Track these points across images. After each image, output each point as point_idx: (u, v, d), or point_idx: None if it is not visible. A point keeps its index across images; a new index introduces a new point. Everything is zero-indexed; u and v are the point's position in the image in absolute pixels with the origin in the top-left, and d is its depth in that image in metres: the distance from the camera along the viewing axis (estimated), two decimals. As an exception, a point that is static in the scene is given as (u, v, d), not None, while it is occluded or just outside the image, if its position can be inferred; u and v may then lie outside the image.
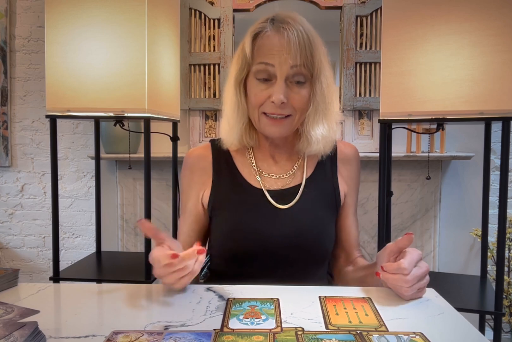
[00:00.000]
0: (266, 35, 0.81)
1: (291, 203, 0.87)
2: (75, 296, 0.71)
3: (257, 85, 0.82)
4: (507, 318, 1.88)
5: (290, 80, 0.81)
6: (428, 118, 1.21)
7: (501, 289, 1.19)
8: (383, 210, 1.29)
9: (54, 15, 1.29)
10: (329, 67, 0.86)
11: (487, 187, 1.41)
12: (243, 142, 0.90)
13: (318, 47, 0.81)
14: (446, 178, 2.07)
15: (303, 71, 0.80)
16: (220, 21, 2.06)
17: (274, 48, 0.79)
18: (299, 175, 0.91)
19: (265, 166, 0.92)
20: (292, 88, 0.82)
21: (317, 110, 0.84)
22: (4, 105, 2.24)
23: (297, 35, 0.78)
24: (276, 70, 0.80)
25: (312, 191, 0.90)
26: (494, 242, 1.79)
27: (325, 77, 0.83)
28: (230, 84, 0.88)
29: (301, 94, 0.82)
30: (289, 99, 0.81)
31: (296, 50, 0.78)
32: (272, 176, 0.91)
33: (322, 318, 0.59)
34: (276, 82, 0.80)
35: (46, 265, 2.33)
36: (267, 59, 0.80)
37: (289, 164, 0.93)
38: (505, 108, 1.11)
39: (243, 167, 0.92)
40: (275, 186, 0.90)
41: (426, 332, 0.54)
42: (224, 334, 0.53)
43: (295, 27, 0.79)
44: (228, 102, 0.88)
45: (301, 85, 0.82)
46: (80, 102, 1.29)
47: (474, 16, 1.12)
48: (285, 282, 0.73)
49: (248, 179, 0.90)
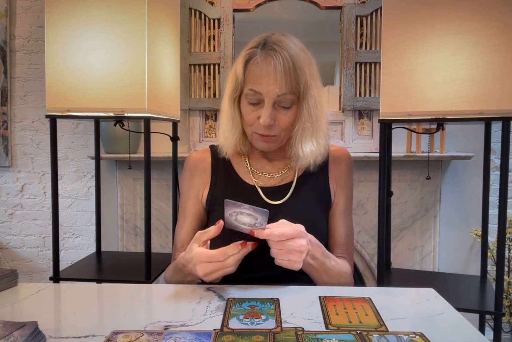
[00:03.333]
0: (256, 61, 0.87)
1: (283, 199, 0.92)
2: (75, 296, 0.71)
3: (247, 106, 0.89)
4: (507, 318, 1.88)
5: (278, 104, 0.87)
6: (428, 118, 1.21)
7: (501, 289, 1.19)
8: (383, 210, 1.29)
9: (54, 15, 1.29)
10: (317, 84, 0.91)
11: (487, 187, 1.41)
12: (237, 150, 0.97)
13: (304, 71, 0.86)
14: (446, 178, 2.07)
15: (288, 97, 0.86)
16: (220, 21, 2.06)
17: (262, 78, 0.85)
18: (291, 174, 0.97)
19: (259, 166, 0.98)
20: (279, 110, 0.88)
21: (303, 129, 0.90)
22: (4, 105, 2.24)
23: (283, 64, 0.84)
24: (264, 97, 0.86)
25: (303, 188, 0.95)
26: (494, 242, 1.79)
27: (312, 96, 0.88)
28: (226, 98, 0.94)
29: (287, 115, 0.88)
30: (276, 120, 0.88)
31: (281, 79, 0.84)
32: (265, 174, 0.97)
33: (322, 318, 0.59)
34: (264, 106, 0.86)
35: (46, 265, 2.33)
36: (256, 87, 0.86)
37: (282, 164, 0.98)
38: (505, 108, 1.11)
39: (239, 168, 0.98)
40: (268, 184, 0.95)
41: (426, 332, 0.54)
42: (224, 334, 0.53)
43: (282, 55, 0.84)
44: (224, 115, 0.96)
45: (288, 108, 0.88)
46: (80, 102, 1.29)
47: (474, 16, 1.12)
48: (280, 276, 0.76)
49: (242, 177, 0.96)
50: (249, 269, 0.81)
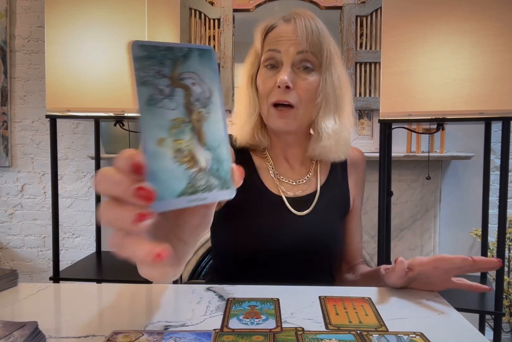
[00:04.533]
0: (276, 27, 0.82)
1: (307, 210, 0.86)
2: (75, 296, 0.71)
3: (265, 72, 0.82)
4: (507, 318, 1.88)
5: (297, 67, 0.80)
6: (428, 118, 1.21)
7: (501, 289, 1.19)
8: (383, 210, 1.29)
9: (54, 15, 1.29)
10: (340, 60, 0.84)
11: (487, 187, 1.41)
12: (255, 140, 0.86)
13: (326, 37, 0.80)
14: (446, 178, 2.07)
15: (310, 58, 0.79)
16: (220, 21, 2.06)
17: (281, 35, 0.80)
18: (314, 181, 0.90)
19: (282, 170, 0.90)
20: (298, 74, 0.80)
21: (327, 101, 0.81)
22: (4, 105, 2.24)
23: (305, 23, 0.78)
24: (283, 56, 0.79)
25: (326, 198, 0.89)
26: (494, 242, 1.79)
27: (335, 68, 0.82)
28: (243, 81, 0.88)
29: (308, 81, 0.80)
30: (295, 85, 0.79)
31: (303, 35, 0.78)
32: (290, 181, 0.89)
33: (322, 318, 0.59)
34: (283, 67, 0.79)
35: (46, 265, 2.33)
36: (274, 46, 0.80)
37: (304, 170, 0.91)
38: (505, 108, 1.11)
39: (261, 170, 0.89)
40: (292, 192, 0.88)
41: (426, 332, 0.54)
42: (224, 334, 0.53)
43: (303, 17, 0.80)
44: (241, 98, 0.88)
45: (309, 72, 0.80)
46: (80, 102, 1.29)
47: (474, 16, 1.12)
48: (287, 283, 0.73)
49: (266, 183, 0.87)
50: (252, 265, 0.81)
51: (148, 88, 0.31)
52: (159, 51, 0.32)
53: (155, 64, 0.32)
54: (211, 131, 0.34)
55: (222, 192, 0.34)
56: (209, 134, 0.33)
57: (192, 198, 0.32)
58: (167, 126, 0.31)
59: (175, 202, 0.31)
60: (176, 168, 0.31)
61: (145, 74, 0.31)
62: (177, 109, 0.32)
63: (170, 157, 0.31)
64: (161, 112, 0.32)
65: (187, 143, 0.32)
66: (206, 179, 0.33)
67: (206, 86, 0.34)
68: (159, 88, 0.32)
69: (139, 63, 0.31)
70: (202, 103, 0.34)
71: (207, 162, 0.33)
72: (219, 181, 0.34)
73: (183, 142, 0.32)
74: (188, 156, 0.32)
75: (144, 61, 0.31)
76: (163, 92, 0.32)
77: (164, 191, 0.31)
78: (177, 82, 0.33)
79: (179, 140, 0.32)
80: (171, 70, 0.32)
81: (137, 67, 0.31)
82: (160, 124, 0.31)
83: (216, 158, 0.34)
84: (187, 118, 0.33)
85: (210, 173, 0.33)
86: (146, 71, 0.31)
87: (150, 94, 0.31)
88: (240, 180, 0.35)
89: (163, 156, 0.31)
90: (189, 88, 0.33)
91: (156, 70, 0.32)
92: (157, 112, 0.31)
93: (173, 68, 0.32)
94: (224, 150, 0.34)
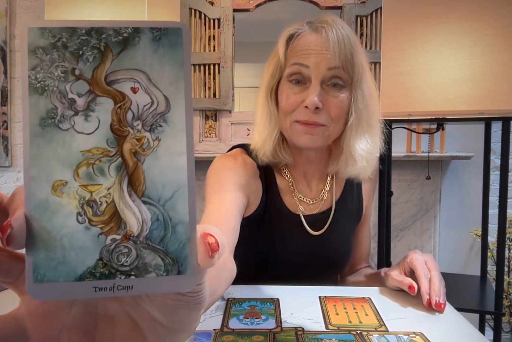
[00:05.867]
0: (302, 35, 0.73)
1: (323, 229, 0.83)
2: (75, 296, 0.70)
3: (289, 87, 0.73)
4: (507, 318, 1.88)
5: (327, 84, 0.72)
6: (428, 118, 1.21)
7: (501, 289, 1.19)
8: (383, 210, 1.29)
9: (54, 15, 1.29)
10: (370, 73, 0.76)
11: (487, 187, 1.41)
12: (278, 157, 0.79)
13: (358, 50, 0.72)
14: (446, 178, 2.07)
15: (342, 75, 0.71)
16: (220, 21, 2.06)
17: (310, 48, 0.70)
18: (329, 197, 0.86)
19: (300, 188, 0.84)
20: (328, 92, 0.72)
21: (360, 120, 0.73)
22: (4, 105, 2.24)
23: (337, 34, 0.69)
24: (312, 71, 0.70)
25: (342, 214, 0.86)
26: (494, 242, 1.79)
27: (367, 84, 0.74)
28: (261, 93, 0.79)
29: (339, 99, 0.71)
30: (325, 104, 0.71)
31: (335, 48, 0.69)
32: (307, 200, 0.84)
33: (322, 318, 0.59)
34: (311, 85, 0.71)
35: (46, 265, 2.33)
36: (302, 60, 0.71)
37: (320, 186, 0.86)
38: (505, 108, 1.11)
39: (282, 187, 0.83)
40: (309, 211, 0.84)
41: (426, 332, 0.54)
42: (224, 334, 0.53)
43: (334, 27, 0.70)
44: (259, 113, 0.79)
45: (340, 89, 0.72)
46: (80, 102, 1.29)
47: (474, 16, 1.12)
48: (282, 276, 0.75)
49: (286, 201, 0.83)
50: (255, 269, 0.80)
51: (45, 99, 0.19)
52: (75, 37, 0.20)
53: (65, 57, 0.20)
54: (159, 171, 0.20)
55: (167, 279, 0.20)
56: (154, 176, 0.20)
57: (102, 283, 0.20)
58: (72, 162, 0.20)
59: (70, 289, 0.20)
60: (81, 233, 0.20)
61: (44, 74, 0.19)
62: (95, 134, 0.20)
63: (72, 213, 0.20)
64: (65, 138, 0.20)
65: (107, 191, 0.20)
66: (136, 254, 0.20)
67: (160, 94, 0.20)
68: (67, 98, 0.20)
69: (37, 57, 0.19)
70: (147, 124, 0.20)
71: (141, 225, 0.20)
72: (163, 259, 0.20)
73: (100, 189, 0.20)
74: (106, 214, 0.20)
75: (46, 53, 0.19)
76: (73, 105, 0.20)
77: (54, 268, 0.19)
78: (103, 88, 0.20)
79: (93, 186, 0.20)
80: (95, 67, 0.20)
81: (32, 64, 0.19)
82: (61, 158, 0.19)
83: (162, 220, 0.20)
84: (112, 149, 0.20)
85: (147, 243, 0.20)
86: (46, 70, 0.19)
87: (49, 108, 0.19)
88: (208, 260, 0.21)
89: (59, 211, 0.19)
90: (124, 97, 0.20)
91: (65, 68, 0.20)
92: (57, 138, 0.19)
93: (99, 63, 0.20)
94: (181, 206, 0.20)
